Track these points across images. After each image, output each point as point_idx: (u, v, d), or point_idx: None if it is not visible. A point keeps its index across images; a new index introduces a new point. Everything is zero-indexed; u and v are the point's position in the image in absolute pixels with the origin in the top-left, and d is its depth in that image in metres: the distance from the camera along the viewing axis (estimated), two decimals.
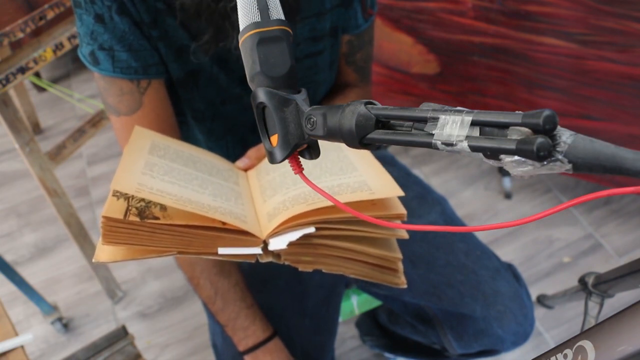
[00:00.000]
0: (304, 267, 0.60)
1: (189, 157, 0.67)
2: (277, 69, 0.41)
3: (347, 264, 0.62)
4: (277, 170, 0.66)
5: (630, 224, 1.58)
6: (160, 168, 0.60)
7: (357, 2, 0.77)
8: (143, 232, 0.51)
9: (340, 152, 0.67)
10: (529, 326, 0.83)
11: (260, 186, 0.66)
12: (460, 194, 1.72)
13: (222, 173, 0.68)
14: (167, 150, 0.66)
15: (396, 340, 1.20)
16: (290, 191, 0.60)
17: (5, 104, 1.08)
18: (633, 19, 1.13)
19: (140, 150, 0.63)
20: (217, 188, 0.62)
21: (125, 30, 0.67)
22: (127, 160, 0.59)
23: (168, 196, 0.53)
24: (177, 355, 1.40)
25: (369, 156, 0.67)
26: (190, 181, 0.60)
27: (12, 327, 0.74)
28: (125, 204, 0.52)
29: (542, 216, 0.29)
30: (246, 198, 0.64)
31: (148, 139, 0.67)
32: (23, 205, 1.84)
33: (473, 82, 1.49)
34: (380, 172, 0.62)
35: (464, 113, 0.31)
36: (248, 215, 0.59)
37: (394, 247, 0.64)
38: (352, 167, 0.63)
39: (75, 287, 1.58)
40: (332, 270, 0.62)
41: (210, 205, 0.55)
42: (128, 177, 0.54)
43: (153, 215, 0.52)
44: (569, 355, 0.39)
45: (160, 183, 0.56)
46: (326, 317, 0.88)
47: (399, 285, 0.64)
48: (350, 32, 0.81)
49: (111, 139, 2.02)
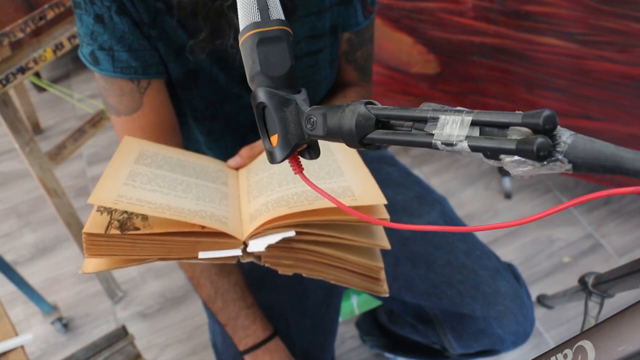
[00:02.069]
0: (283, 271, 0.61)
1: (177, 163, 0.67)
2: (277, 69, 0.41)
3: (327, 270, 0.62)
4: (267, 171, 0.66)
5: (630, 224, 1.58)
6: (144, 177, 0.61)
7: (358, 0, 0.77)
8: (124, 243, 0.54)
9: (331, 156, 0.67)
10: (529, 326, 0.83)
11: (248, 186, 0.67)
12: (460, 194, 1.72)
13: (211, 175, 0.68)
14: (154, 158, 0.66)
15: (396, 340, 1.20)
16: (274, 193, 0.61)
17: (5, 104, 1.08)
18: (633, 19, 1.13)
19: (125, 160, 0.64)
20: (202, 190, 0.63)
21: (125, 30, 0.67)
22: (109, 172, 0.60)
23: (147, 205, 0.55)
24: (177, 355, 1.40)
25: (359, 162, 0.67)
26: (174, 187, 0.61)
27: (12, 327, 0.74)
28: (108, 218, 0.55)
29: (542, 216, 0.29)
30: (233, 199, 0.64)
31: (136, 148, 0.67)
32: (23, 205, 1.84)
33: (473, 82, 1.49)
34: (366, 179, 0.63)
35: (464, 113, 0.31)
36: (231, 216, 0.59)
37: (376, 256, 0.64)
38: (339, 171, 0.64)
39: (75, 287, 1.58)
40: (312, 275, 0.62)
41: (191, 210, 0.57)
42: (107, 190, 0.56)
43: (134, 227, 0.54)
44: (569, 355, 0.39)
45: (141, 192, 0.57)
46: (326, 317, 0.88)
47: (381, 293, 0.65)
48: (351, 29, 0.81)
49: (111, 139, 2.02)
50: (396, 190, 0.94)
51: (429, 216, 0.90)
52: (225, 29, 0.66)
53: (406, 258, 0.86)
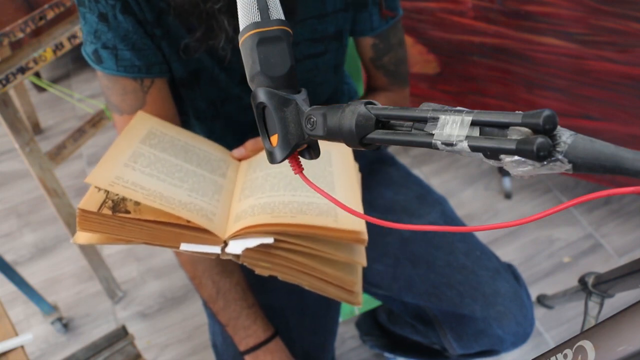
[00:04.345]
0: (260, 272, 0.62)
1: (182, 147, 0.68)
2: (277, 69, 0.41)
3: (303, 277, 0.64)
4: (264, 170, 0.67)
5: (630, 224, 1.58)
6: (146, 159, 0.63)
7: (373, 5, 0.77)
8: (113, 223, 0.57)
9: (328, 168, 0.68)
10: (529, 326, 0.83)
11: (244, 182, 0.67)
12: (460, 194, 1.72)
13: (212, 164, 0.69)
14: (161, 139, 0.67)
15: (396, 340, 1.20)
16: (263, 197, 0.62)
17: (5, 104, 1.08)
18: (633, 19, 1.13)
19: (132, 139, 0.65)
20: (198, 181, 0.64)
21: (128, 29, 0.67)
22: (114, 150, 0.62)
23: (141, 191, 0.57)
24: (177, 355, 1.40)
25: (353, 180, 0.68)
26: (172, 174, 0.63)
27: (12, 327, 0.74)
28: (103, 196, 0.57)
29: (542, 216, 0.29)
30: (226, 193, 0.66)
31: (146, 126, 0.68)
32: (23, 205, 1.84)
33: (473, 82, 1.49)
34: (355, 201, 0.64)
35: (464, 113, 0.31)
36: (218, 212, 0.61)
37: (353, 270, 0.66)
38: (330, 187, 0.65)
39: (75, 287, 1.58)
40: (288, 279, 0.64)
41: (182, 201, 0.59)
42: (106, 171, 0.58)
43: (125, 209, 0.57)
44: (569, 355, 0.39)
45: (139, 176, 0.59)
46: (326, 317, 0.88)
47: (355, 304, 0.66)
48: (366, 34, 0.80)
49: (111, 139, 2.02)
50: (396, 190, 0.94)
51: (429, 216, 0.90)
52: (216, 31, 0.67)
53: (406, 258, 0.86)
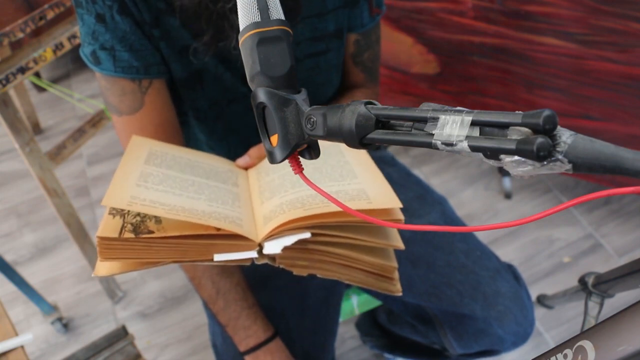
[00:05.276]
0: (298, 272, 0.60)
1: (186, 163, 0.67)
2: (277, 69, 0.41)
3: (342, 270, 0.62)
4: (277, 171, 0.66)
5: (630, 224, 1.58)
6: (156, 177, 0.60)
7: (364, 1, 0.77)
8: (139, 247, 0.53)
9: (342, 158, 0.67)
10: (529, 326, 0.83)
11: (259, 187, 0.66)
12: (460, 194, 1.72)
13: (221, 175, 0.67)
14: (164, 158, 0.66)
15: (396, 341, 1.20)
16: (288, 194, 0.60)
17: (5, 104, 1.08)
18: (633, 19, 1.13)
19: (136, 161, 0.63)
20: (214, 192, 0.62)
21: (126, 30, 0.67)
22: (121, 173, 0.59)
23: (161, 207, 0.54)
24: (177, 355, 1.40)
25: (371, 164, 0.67)
26: (186, 188, 0.60)
27: (12, 327, 0.74)
28: (120, 221, 0.54)
29: (542, 216, 0.29)
30: (244, 200, 0.64)
31: (145, 148, 0.67)
32: (23, 205, 1.84)
33: (473, 82, 1.49)
34: (380, 181, 0.62)
35: (464, 113, 0.31)
36: (244, 218, 0.59)
37: (390, 256, 0.64)
38: (352, 174, 0.63)
39: (75, 287, 1.58)
40: (327, 275, 0.62)
41: (205, 211, 0.56)
42: (120, 191, 0.55)
43: (148, 230, 0.53)
44: (569, 355, 0.39)
45: (154, 193, 0.56)
46: (326, 317, 0.88)
47: (394, 293, 0.64)
48: (356, 30, 0.80)
49: (111, 138, 2.02)
50: (396, 190, 0.93)
51: (429, 216, 0.90)
52: (227, 32, 0.66)
53: (406, 258, 0.86)
